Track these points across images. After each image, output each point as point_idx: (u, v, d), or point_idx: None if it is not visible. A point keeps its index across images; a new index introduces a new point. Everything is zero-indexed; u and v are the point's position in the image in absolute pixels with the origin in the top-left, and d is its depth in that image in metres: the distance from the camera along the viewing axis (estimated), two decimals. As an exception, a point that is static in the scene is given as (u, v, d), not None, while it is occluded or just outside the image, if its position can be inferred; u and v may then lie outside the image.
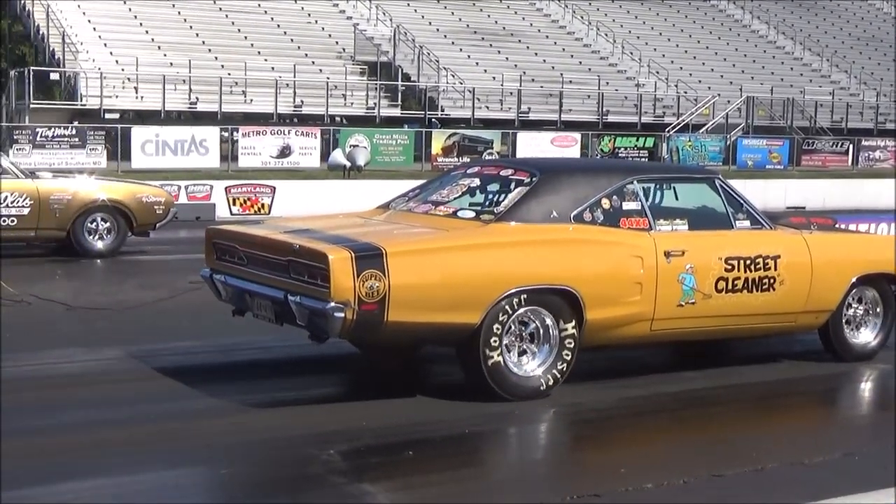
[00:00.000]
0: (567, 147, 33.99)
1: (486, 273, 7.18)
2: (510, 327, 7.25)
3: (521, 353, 7.36)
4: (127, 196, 14.58)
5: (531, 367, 7.36)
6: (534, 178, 7.86)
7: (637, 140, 36.14)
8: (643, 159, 34.48)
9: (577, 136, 34.73)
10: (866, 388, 8.61)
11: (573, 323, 7.39)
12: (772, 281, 8.21)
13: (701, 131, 38.83)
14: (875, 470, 6.06)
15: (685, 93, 41.93)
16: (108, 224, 14.31)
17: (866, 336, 8.90)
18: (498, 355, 7.15)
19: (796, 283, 8.34)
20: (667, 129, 37.97)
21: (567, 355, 7.38)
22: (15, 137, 26.93)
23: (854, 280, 8.69)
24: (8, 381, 7.78)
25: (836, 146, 39.70)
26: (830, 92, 45.95)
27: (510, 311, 7.21)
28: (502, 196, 7.92)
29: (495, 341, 7.13)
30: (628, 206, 7.87)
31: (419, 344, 7.96)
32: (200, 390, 7.44)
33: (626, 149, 35.46)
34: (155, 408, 7.08)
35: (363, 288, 6.73)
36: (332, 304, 6.68)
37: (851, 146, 39.59)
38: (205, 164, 28.24)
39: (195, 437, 6.46)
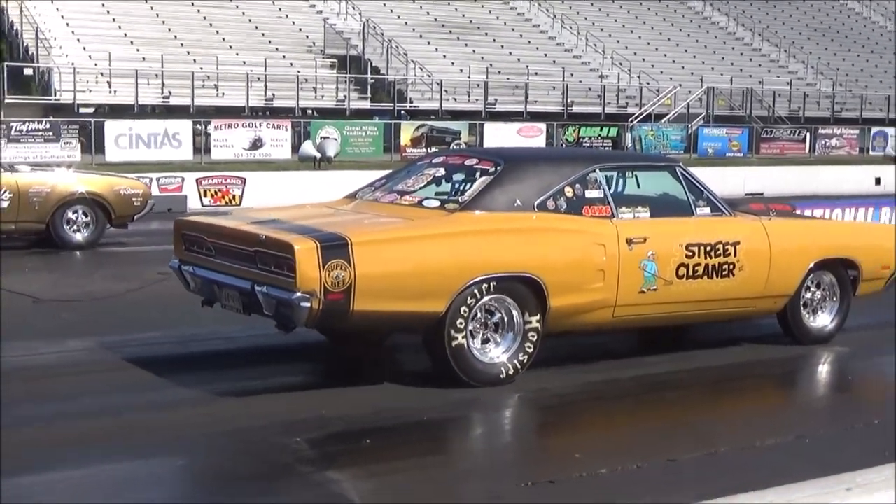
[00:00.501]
0: (533, 137, 33.96)
1: (451, 262, 7.09)
2: (476, 314, 7.17)
3: (486, 340, 7.27)
4: (105, 188, 14.42)
5: (495, 354, 7.28)
6: (498, 167, 7.76)
7: (601, 130, 36.17)
8: (607, 148, 34.47)
9: (543, 126, 34.73)
10: (823, 370, 8.55)
11: (538, 316, 7.31)
12: (731, 267, 8.15)
13: (663, 121, 38.85)
14: (826, 452, 6.02)
15: (647, 84, 41.92)
16: (87, 217, 14.15)
17: (823, 320, 8.88)
18: (463, 339, 7.06)
19: (755, 269, 8.29)
20: (630, 119, 37.97)
21: (529, 347, 7.31)
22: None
23: (812, 265, 8.66)
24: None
25: (794, 134, 39.88)
26: (788, 82, 46.05)
27: (476, 299, 7.12)
28: (467, 185, 7.82)
29: (461, 326, 7.05)
30: (591, 194, 7.79)
31: (386, 332, 7.86)
32: (169, 380, 7.32)
33: (590, 138, 35.46)
34: (123, 399, 6.97)
35: (329, 278, 6.63)
36: (299, 294, 6.58)
37: (809, 134, 39.76)
38: (178, 157, 28.06)
39: (163, 429, 6.34)
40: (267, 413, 6.57)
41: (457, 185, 7.98)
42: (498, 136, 33.26)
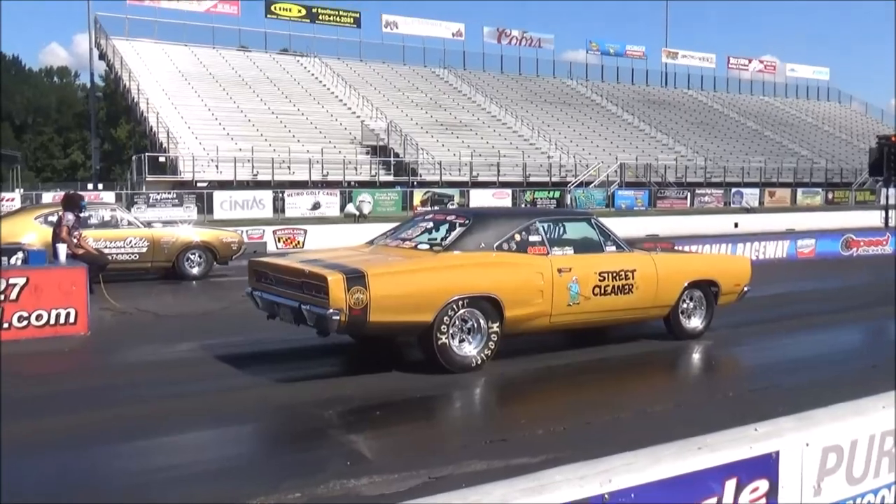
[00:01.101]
0: (502, 199, 33.97)
1: (436, 286, 6.94)
2: (455, 322, 7.01)
3: (461, 340, 7.10)
4: (213, 238, 14.26)
5: (468, 350, 7.10)
6: (468, 222, 7.64)
7: (549, 193, 36.17)
8: (552, 205, 34.45)
9: (509, 191, 34.73)
10: (695, 357, 8.32)
11: (498, 323, 7.15)
12: (630, 286, 7.99)
13: (591, 186, 38.83)
14: (696, 415, 5.86)
15: (580, 161, 41.95)
16: (200, 258, 13.93)
17: (695, 322, 8.68)
18: (445, 339, 6.91)
19: (647, 288, 8.13)
20: (568, 185, 37.95)
21: (492, 345, 7.15)
22: (135, 200, 26.72)
23: (686, 284, 8.49)
24: (105, 369, 7.53)
25: (679, 194, 39.81)
26: (675, 159, 46.12)
27: (454, 311, 6.97)
28: (448, 234, 7.66)
29: (444, 330, 6.90)
30: (533, 238, 7.64)
31: (394, 335, 7.68)
32: (242, 371, 7.14)
33: (541, 198, 35.43)
34: (211, 384, 6.80)
35: (352, 299, 6.50)
36: (331, 310, 6.46)
37: (689, 194, 39.71)
38: (262, 215, 28.02)
39: (235, 405, 6.19)
40: (308, 393, 6.39)
41: (441, 234, 7.82)
42: (478, 198, 33.25)
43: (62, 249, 9.37)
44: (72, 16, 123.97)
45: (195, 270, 13.89)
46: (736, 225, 29.62)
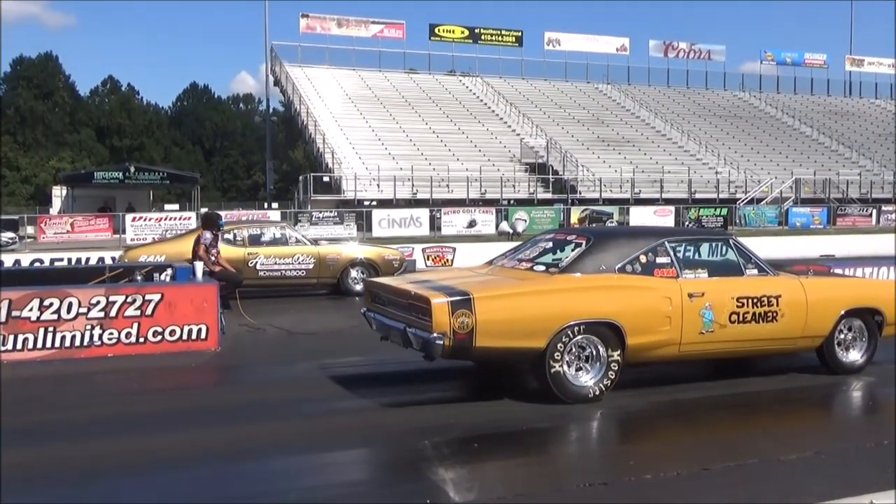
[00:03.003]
0: (664, 216, 32.46)
1: (549, 311, 6.49)
2: (571, 349, 6.54)
3: (578, 369, 6.61)
4: (375, 255, 14.33)
5: (585, 379, 6.60)
6: (588, 242, 7.13)
7: (715, 210, 34.25)
8: (718, 223, 32.71)
9: (672, 208, 33.19)
10: (850, 397, 7.33)
11: (619, 351, 6.61)
12: (774, 314, 7.19)
13: (762, 203, 36.57)
14: (837, 468, 5.07)
15: (751, 177, 39.70)
16: (363, 274, 13.83)
17: (854, 355, 7.73)
18: (559, 367, 6.44)
19: (794, 316, 7.30)
20: (737, 202, 35.95)
21: (612, 374, 6.61)
22: (299, 218, 27.63)
23: (842, 313, 7.57)
24: (222, 386, 7.59)
25: (863, 211, 36.77)
26: (858, 173, 42.76)
27: (569, 338, 6.50)
28: (566, 254, 7.19)
29: (558, 357, 6.44)
30: (660, 260, 7.02)
31: (502, 362, 7.24)
32: (352, 393, 6.96)
33: (707, 216, 33.62)
34: (318, 406, 6.67)
35: (456, 323, 6.18)
36: (435, 334, 6.17)
37: (875, 211, 36.60)
38: (419, 233, 28.22)
39: (333, 429, 5.99)
40: (411, 420, 6.12)
41: (559, 254, 7.35)
42: (639, 215, 32.02)
43: (199, 267, 9.66)
44: (258, 46, 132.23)
45: (358, 287, 13.80)
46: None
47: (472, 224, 29.94)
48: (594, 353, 6.63)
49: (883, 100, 57.75)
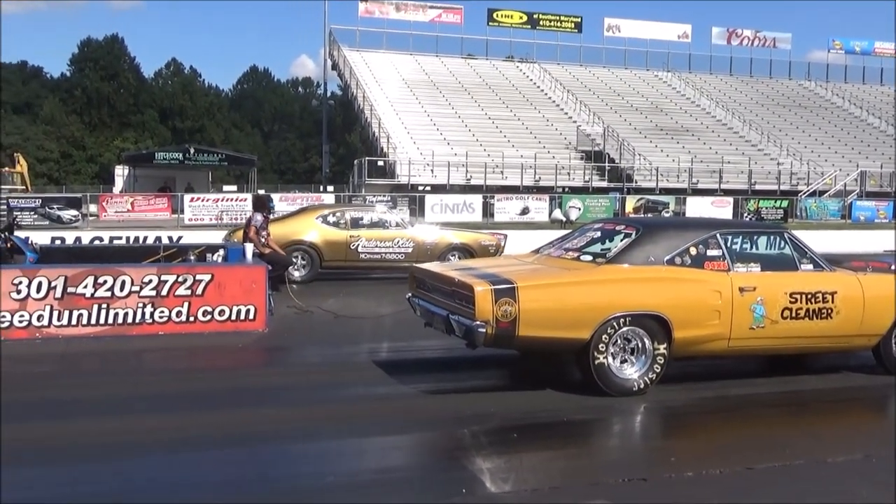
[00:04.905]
0: (722, 207, 31.79)
1: (595, 301, 6.39)
2: (616, 341, 6.43)
3: (623, 361, 6.50)
4: (472, 241, 14.40)
5: (630, 372, 6.49)
6: (637, 232, 6.98)
7: (776, 202, 33.46)
8: (779, 216, 31.94)
9: (731, 199, 32.49)
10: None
11: (665, 344, 6.48)
12: (829, 311, 6.97)
13: (825, 196, 35.60)
14: (886, 473, 4.86)
15: (814, 168, 38.65)
16: (460, 259, 13.63)
17: (914, 356, 7.46)
18: (604, 359, 6.35)
19: (850, 313, 7.05)
20: (799, 194, 35.04)
21: (657, 368, 6.49)
22: (352, 201, 27.71)
23: (902, 311, 7.30)
24: (266, 367, 7.67)
25: (932, 206, 35.52)
26: (928, 166, 41.28)
27: (615, 329, 6.39)
28: (614, 244, 7.07)
29: (603, 349, 6.34)
30: (711, 252, 6.85)
31: (546, 352, 7.14)
32: (393, 378, 6.95)
33: (767, 207, 32.86)
34: (360, 390, 6.67)
35: (499, 311, 6.12)
36: (478, 322, 6.12)
37: (944, 206, 35.32)
38: (472, 219, 28.14)
39: (372, 415, 5.97)
40: (451, 407, 6.10)
41: (607, 245, 7.22)
42: (696, 205, 31.40)
43: (249, 248, 9.75)
44: (317, 30, 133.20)
45: None
46: None
47: (525, 211, 29.76)
48: (640, 345, 6.51)
49: (959, 90, 55.60)
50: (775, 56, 53.18)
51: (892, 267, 7.90)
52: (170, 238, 18.17)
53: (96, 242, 17.36)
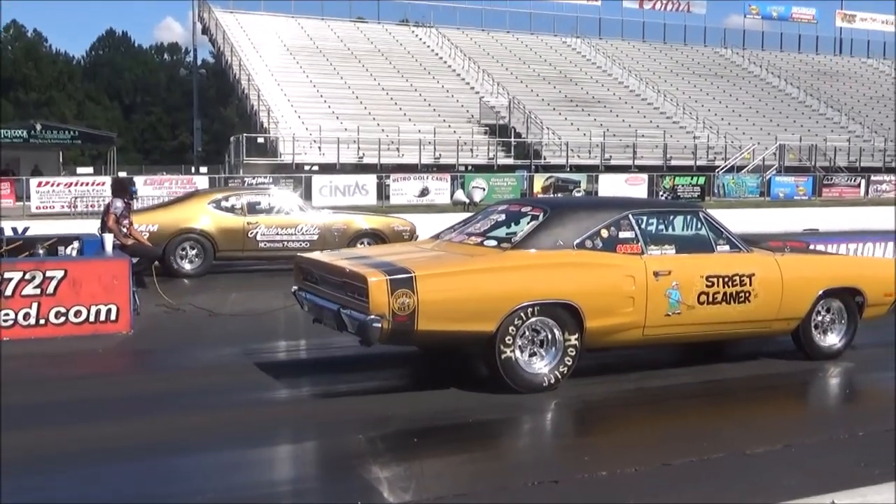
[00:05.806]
0: (637, 185, 32.82)
1: (499, 290, 6.50)
2: (524, 332, 6.56)
3: (532, 354, 6.65)
4: (384, 226, 14.33)
5: (539, 366, 6.63)
6: (545, 214, 7.14)
7: (692, 178, 34.73)
8: (695, 193, 33.19)
9: (645, 176, 33.53)
10: (825, 384, 7.49)
11: (577, 335, 6.65)
12: (747, 294, 7.29)
13: (743, 171, 37.14)
14: (809, 461, 5.17)
15: (731, 142, 40.22)
16: (370, 245, 13.54)
17: (832, 339, 7.88)
18: (511, 353, 6.47)
19: (769, 296, 7.40)
20: (716, 171, 36.43)
21: (568, 360, 6.65)
22: (229, 184, 27.21)
23: (820, 293, 7.70)
24: (133, 374, 7.51)
25: (851, 181, 37.55)
26: (847, 139, 43.55)
27: (522, 320, 6.52)
28: (521, 228, 7.21)
29: (509, 342, 6.46)
30: (623, 235, 7.06)
31: (448, 347, 7.24)
32: (280, 382, 6.90)
33: (683, 185, 34.08)
34: (243, 396, 6.59)
35: (396, 304, 6.16)
36: (372, 316, 6.14)
37: (863, 181, 37.39)
38: (365, 202, 28.07)
39: (258, 422, 5.92)
40: (345, 412, 6.11)
41: (513, 228, 7.36)
42: (609, 183, 32.29)
43: (108, 239, 9.48)
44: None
45: None
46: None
47: (424, 192, 29.92)
48: (549, 337, 6.66)
49: (876, 59, 58.83)
50: (690, 21, 55.09)
51: (810, 246, 8.35)
52: (14, 230, 17.42)
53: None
